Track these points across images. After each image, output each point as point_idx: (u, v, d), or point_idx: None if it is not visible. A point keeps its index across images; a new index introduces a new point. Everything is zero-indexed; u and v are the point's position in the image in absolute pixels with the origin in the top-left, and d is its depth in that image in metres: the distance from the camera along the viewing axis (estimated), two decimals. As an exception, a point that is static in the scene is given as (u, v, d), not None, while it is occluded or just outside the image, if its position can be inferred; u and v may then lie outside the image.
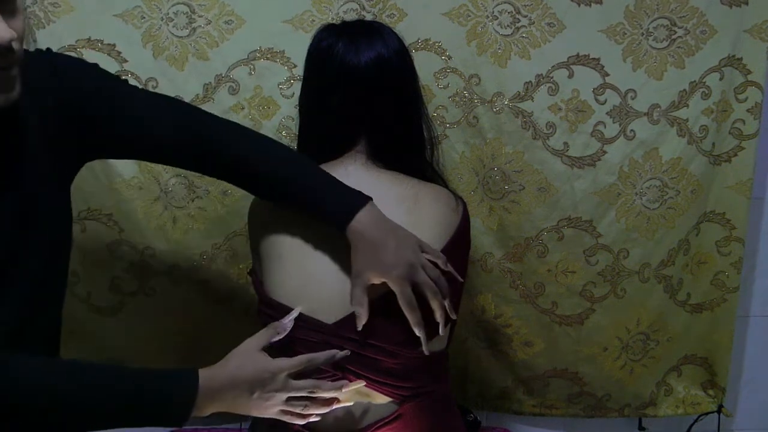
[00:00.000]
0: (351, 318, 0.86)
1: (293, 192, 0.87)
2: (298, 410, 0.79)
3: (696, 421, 1.40)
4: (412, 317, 0.84)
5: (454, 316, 0.87)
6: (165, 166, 1.18)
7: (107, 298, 1.24)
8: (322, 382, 0.81)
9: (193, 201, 1.21)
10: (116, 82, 0.87)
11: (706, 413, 1.39)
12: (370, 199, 0.85)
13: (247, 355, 0.79)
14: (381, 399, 0.87)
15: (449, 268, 0.87)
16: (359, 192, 0.86)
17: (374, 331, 0.86)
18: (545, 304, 1.28)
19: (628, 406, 1.36)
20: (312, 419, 0.81)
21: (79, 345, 1.26)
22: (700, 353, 1.36)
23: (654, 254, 1.26)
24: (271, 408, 0.79)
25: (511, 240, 1.25)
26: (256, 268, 0.96)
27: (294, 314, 0.84)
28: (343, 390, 0.81)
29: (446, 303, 0.85)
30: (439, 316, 0.85)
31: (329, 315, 0.87)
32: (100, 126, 0.82)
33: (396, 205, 0.90)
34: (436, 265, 0.86)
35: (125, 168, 1.18)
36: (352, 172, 0.93)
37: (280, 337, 0.82)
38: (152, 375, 0.75)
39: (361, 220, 0.83)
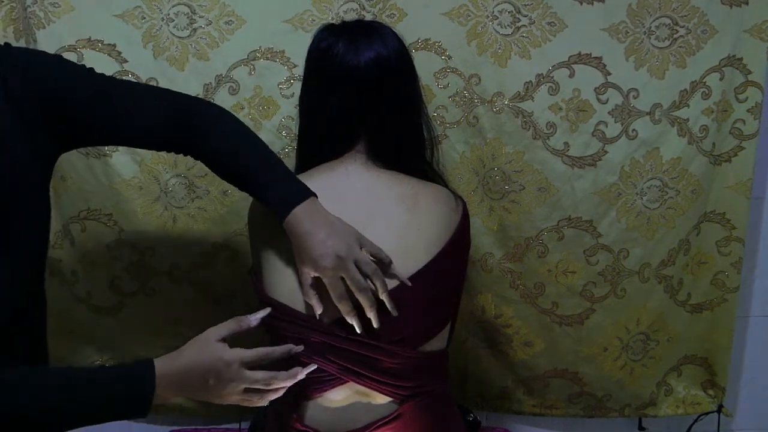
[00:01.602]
0: (349, 317, 0.86)
1: (244, 180, 0.90)
2: (255, 399, 0.80)
3: (696, 421, 1.40)
4: (341, 307, 0.84)
5: (395, 313, 0.86)
6: (165, 166, 1.19)
7: (107, 298, 1.24)
8: (278, 373, 0.81)
9: (193, 201, 1.21)
10: (86, 71, 0.87)
11: (706, 413, 1.39)
12: (314, 195, 0.87)
13: (205, 344, 0.79)
14: (381, 399, 0.88)
15: (394, 270, 0.86)
16: (304, 188, 0.87)
17: (372, 330, 0.86)
18: (545, 304, 1.28)
19: (628, 406, 1.36)
20: (262, 403, 0.82)
21: (79, 345, 1.27)
22: (700, 353, 1.36)
23: (654, 254, 1.26)
24: (228, 396, 0.79)
25: (511, 240, 1.25)
26: (255, 267, 0.96)
27: (262, 313, 0.84)
28: (298, 377, 0.82)
29: (385, 298, 0.85)
30: (368, 311, 0.84)
31: (327, 314, 0.87)
32: (77, 117, 0.83)
33: (396, 204, 0.90)
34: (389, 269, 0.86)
35: (125, 168, 1.19)
36: (352, 171, 0.93)
37: (242, 330, 0.82)
38: (109, 370, 0.77)
39: (296, 213, 0.84)
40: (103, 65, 1.14)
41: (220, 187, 1.20)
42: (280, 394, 0.82)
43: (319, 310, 0.85)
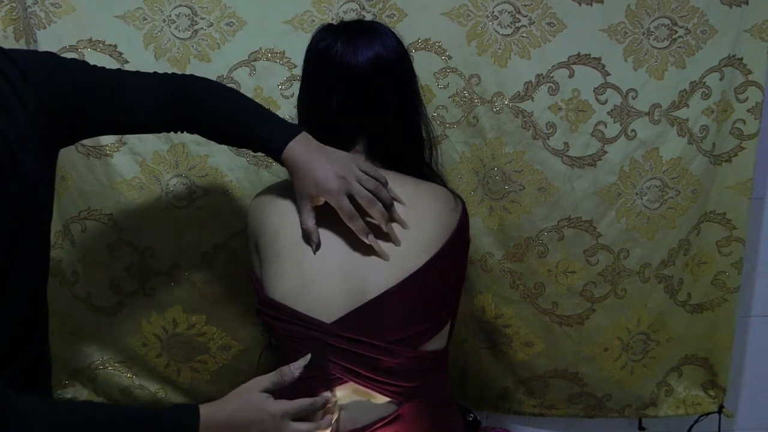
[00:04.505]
0: (350, 317, 0.86)
1: (238, 136, 0.93)
2: None
3: (696, 421, 1.40)
4: (354, 226, 0.86)
5: (406, 226, 0.89)
6: (166, 167, 1.19)
7: (107, 298, 1.24)
8: (319, 423, 0.82)
9: (193, 201, 1.21)
10: (85, 65, 0.88)
11: (707, 413, 1.38)
12: (305, 130, 0.90)
13: (249, 395, 0.79)
14: (381, 399, 0.87)
15: (393, 193, 0.89)
16: (295, 125, 0.91)
17: (372, 329, 0.86)
18: (545, 305, 1.27)
19: (628, 407, 1.36)
20: None
21: (78, 345, 1.27)
22: (701, 353, 1.36)
23: (654, 254, 1.26)
24: None
25: (511, 240, 1.25)
26: (255, 267, 0.96)
27: (303, 362, 0.84)
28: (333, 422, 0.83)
29: (394, 211, 0.88)
30: (382, 223, 0.87)
31: (328, 314, 0.87)
32: (84, 114, 0.85)
33: (395, 204, 0.90)
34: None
35: (126, 168, 1.19)
36: (352, 171, 0.93)
37: (285, 382, 0.82)
38: (152, 412, 0.76)
39: (293, 147, 0.87)
40: (104, 66, 1.14)
41: (221, 187, 1.20)
42: None
43: (315, 239, 0.87)
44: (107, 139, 1.17)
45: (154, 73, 0.95)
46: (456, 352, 1.29)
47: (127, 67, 1.15)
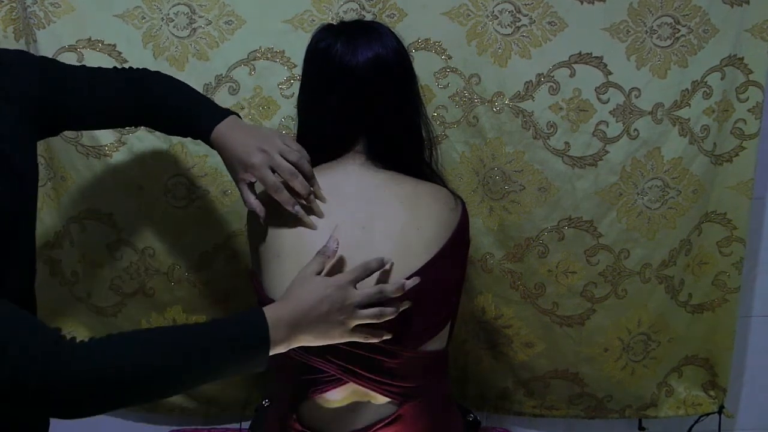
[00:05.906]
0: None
1: (176, 120, 0.96)
2: (373, 320, 0.80)
3: (697, 421, 1.40)
4: (280, 198, 0.87)
5: (324, 200, 0.90)
6: (165, 167, 1.19)
7: (107, 298, 1.24)
8: (384, 284, 0.82)
9: (193, 201, 1.21)
10: (70, 66, 0.92)
11: (707, 414, 1.38)
12: (235, 114, 0.94)
13: (306, 280, 0.80)
14: (380, 399, 0.87)
15: (310, 168, 0.90)
16: (226, 109, 0.95)
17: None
18: (546, 305, 1.27)
19: (629, 407, 1.36)
20: (386, 336, 0.83)
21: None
22: (702, 354, 1.36)
23: (655, 254, 1.26)
24: (348, 321, 0.79)
25: (511, 240, 1.25)
26: (255, 267, 0.96)
27: (336, 234, 0.84)
28: (406, 287, 0.82)
29: (315, 184, 0.90)
30: (303, 195, 0.88)
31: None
32: (67, 112, 0.88)
33: (395, 204, 0.90)
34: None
35: (125, 168, 1.19)
36: (352, 172, 0.93)
37: (332, 260, 0.83)
38: (219, 324, 0.77)
39: (219, 129, 0.91)
40: (103, 65, 1.13)
41: (220, 187, 1.20)
42: (393, 311, 0.81)
43: (262, 214, 0.89)
44: (107, 139, 1.17)
45: (114, 68, 0.98)
46: (456, 352, 1.28)
47: (126, 66, 1.15)
